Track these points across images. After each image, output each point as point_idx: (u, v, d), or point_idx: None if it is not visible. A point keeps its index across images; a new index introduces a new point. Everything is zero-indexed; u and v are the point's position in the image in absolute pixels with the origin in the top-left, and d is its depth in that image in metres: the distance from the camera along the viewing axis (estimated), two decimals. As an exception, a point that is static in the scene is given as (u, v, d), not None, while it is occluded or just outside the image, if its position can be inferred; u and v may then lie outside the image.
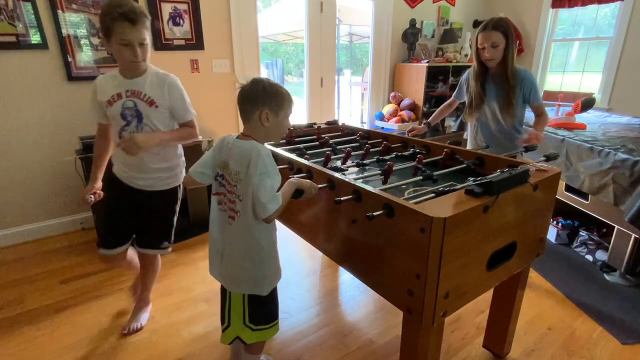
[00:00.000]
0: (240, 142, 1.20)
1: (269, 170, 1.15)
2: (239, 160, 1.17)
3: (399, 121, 4.18)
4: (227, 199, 1.22)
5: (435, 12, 4.63)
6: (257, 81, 1.20)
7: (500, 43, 1.87)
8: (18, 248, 2.62)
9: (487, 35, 1.87)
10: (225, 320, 1.33)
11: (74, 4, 2.49)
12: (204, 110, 3.17)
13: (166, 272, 2.31)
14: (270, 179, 1.14)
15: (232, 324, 1.31)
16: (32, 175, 2.64)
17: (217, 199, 1.27)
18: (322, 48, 3.88)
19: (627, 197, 1.97)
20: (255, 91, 1.18)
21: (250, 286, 1.25)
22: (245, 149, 1.17)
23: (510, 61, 1.91)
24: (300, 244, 2.65)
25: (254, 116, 1.19)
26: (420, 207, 1.01)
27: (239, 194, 1.18)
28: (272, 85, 1.20)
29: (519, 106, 1.99)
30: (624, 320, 1.88)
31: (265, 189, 1.12)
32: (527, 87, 1.94)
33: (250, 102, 1.18)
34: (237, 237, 1.22)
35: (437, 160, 1.65)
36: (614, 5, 4.13)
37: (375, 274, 1.22)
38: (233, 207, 1.21)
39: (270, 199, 1.12)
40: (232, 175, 1.19)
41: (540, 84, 4.84)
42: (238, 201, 1.19)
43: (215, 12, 3.06)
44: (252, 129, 1.21)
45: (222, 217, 1.26)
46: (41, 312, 1.95)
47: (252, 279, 1.25)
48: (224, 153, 1.24)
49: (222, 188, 1.24)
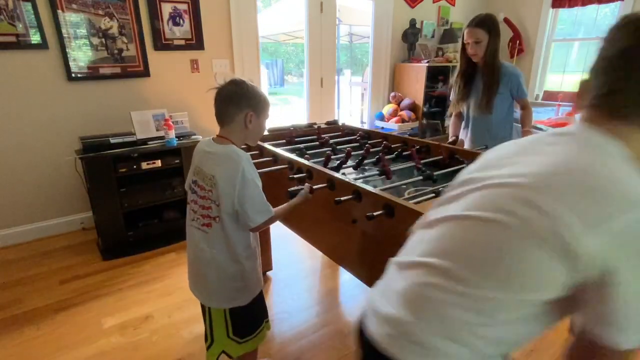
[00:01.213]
0: (217, 147, 1.16)
1: (252, 176, 1.11)
2: (216, 164, 1.13)
3: (399, 121, 4.18)
4: (200, 206, 1.17)
5: (435, 12, 4.63)
6: (239, 82, 1.16)
7: (483, 39, 1.91)
8: (18, 248, 2.62)
9: (471, 31, 1.92)
10: (207, 337, 1.28)
11: (74, 4, 2.49)
12: (203, 110, 3.17)
13: (166, 272, 2.31)
14: (253, 187, 1.10)
15: (215, 340, 1.26)
16: (32, 175, 2.64)
17: (189, 210, 1.22)
18: (322, 48, 3.88)
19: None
20: (239, 92, 1.15)
21: (230, 299, 1.21)
22: (223, 153, 1.13)
23: (491, 57, 1.94)
24: (300, 244, 2.65)
25: (237, 118, 1.15)
26: (420, 207, 1.01)
27: (214, 198, 1.13)
28: (254, 87, 1.18)
29: (504, 101, 2.03)
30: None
31: (253, 199, 1.10)
32: (514, 82, 1.99)
33: (234, 103, 1.14)
34: (215, 246, 1.17)
35: (437, 160, 1.65)
36: (614, 5, 4.13)
37: (375, 274, 1.21)
38: (209, 213, 1.15)
39: (260, 210, 1.10)
40: (207, 180, 1.14)
41: (540, 84, 4.84)
42: (214, 206, 1.13)
43: (215, 12, 3.06)
44: (231, 131, 1.17)
45: (196, 232, 1.20)
46: (41, 312, 1.95)
47: (233, 289, 1.20)
48: (197, 158, 1.20)
49: (194, 195, 1.19)
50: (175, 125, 2.68)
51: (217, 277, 1.19)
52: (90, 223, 2.84)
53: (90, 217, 2.82)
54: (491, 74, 1.96)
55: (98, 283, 2.21)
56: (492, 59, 1.94)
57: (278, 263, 2.40)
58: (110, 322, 1.88)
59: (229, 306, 1.22)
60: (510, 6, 4.84)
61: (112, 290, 2.13)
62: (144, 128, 2.60)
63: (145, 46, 2.80)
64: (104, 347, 1.71)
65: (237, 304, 1.22)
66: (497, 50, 1.94)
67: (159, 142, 2.61)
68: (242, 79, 1.18)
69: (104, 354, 1.67)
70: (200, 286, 1.25)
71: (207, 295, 1.24)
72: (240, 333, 1.25)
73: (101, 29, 2.61)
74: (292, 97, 11.42)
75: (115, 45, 2.69)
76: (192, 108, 3.10)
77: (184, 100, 3.07)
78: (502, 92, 1.99)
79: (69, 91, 2.63)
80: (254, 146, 1.81)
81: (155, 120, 2.66)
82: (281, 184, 1.52)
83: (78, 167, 2.61)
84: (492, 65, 1.95)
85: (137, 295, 2.09)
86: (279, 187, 1.32)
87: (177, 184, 2.69)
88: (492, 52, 1.92)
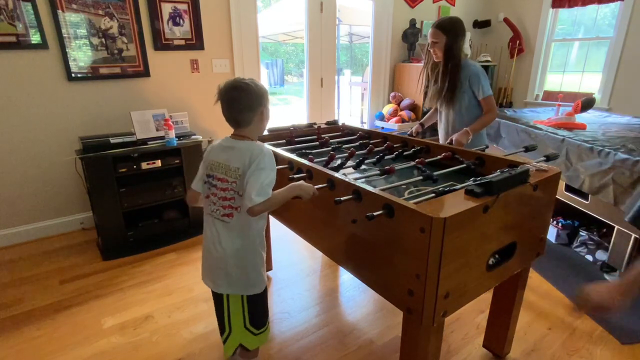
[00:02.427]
0: (238, 142, 1.22)
1: (267, 167, 1.16)
2: (241, 158, 1.18)
3: (399, 121, 4.18)
4: (221, 197, 1.21)
5: (435, 12, 4.63)
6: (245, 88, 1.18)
7: (441, 41, 2.01)
8: (18, 248, 2.62)
9: (431, 32, 2.04)
10: (225, 327, 1.31)
11: (74, 4, 2.49)
12: (203, 110, 3.17)
13: (166, 272, 2.31)
14: (264, 173, 1.15)
15: (232, 330, 1.30)
16: (32, 175, 2.64)
17: (208, 203, 1.26)
18: (322, 48, 3.88)
19: (627, 197, 1.97)
20: (251, 98, 1.19)
21: (249, 286, 1.26)
22: (246, 147, 1.19)
23: (449, 57, 2.02)
24: (300, 244, 2.65)
25: (254, 119, 1.21)
26: (420, 207, 1.01)
27: (237, 189, 1.19)
28: (256, 85, 1.22)
29: (468, 98, 2.09)
30: (623, 320, 1.88)
31: (257, 180, 1.13)
32: (474, 78, 2.05)
33: (249, 109, 1.19)
34: (237, 235, 1.22)
35: (437, 160, 1.65)
36: (614, 5, 4.13)
37: (375, 274, 1.22)
38: (230, 203, 1.20)
39: (259, 191, 1.12)
40: (230, 172, 1.19)
41: (540, 84, 4.84)
42: (237, 197, 1.19)
43: (215, 12, 3.06)
44: (249, 130, 1.23)
45: (216, 222, 1.23)
46: (41, 312, 1.95)
47: (251, 277, 1.26)
48: (214, 153, 1.25)
49: (213, 188, 1.24)
50: (175, 125, 2.68)
51: (237, 265, 1.24)
52: (90, 223, 2.84)
53: (90, 217, 2.82)
54: (450, 72, 2.05)
55: (98, 283, 2.21)
56: (449, 59, 2.03)
57: (278, 263, 2.40)
58: (110, 322, 1.88)
59: (247, 293, 1.26)
60: (510, 6, 4.84)
61: (112, 290, 2.13)
62: (144, 128, 2.60)
63: (145, 46, 2.80)
64: (104, 347, 1.71)
65: (255, 291, 1.27)
66: (455, 50, 2.01)
67: (159, 142, 2.61)
68: (243, 80, 1.21)
69: (104, 354, 1.67)
70: (219, 275, 1.27)
71: (227, 283, 1.27)
72: (256, 323, 1.31)
73: (101, 29, 2.61)
74: (292, 97, 11.42)
75: (115, 45, 2.69)
76: (192, 108, 3.10)
77: (184, 100, 3.07)
78: (465, 89, 2.08)
79: (69, 91, 2.63)
80: None
81: (155, 120, 2.65)
82: (281, 184, 1.52)
83: (78, 167, 2.61)
84: (450, 64, 2.04)
85: (137, 295, 2.09)
86: (279, 187, 1.32)
87: (177, 184, 2.69)
88: (449, 52, 2.02)
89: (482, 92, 2.05)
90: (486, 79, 2.07)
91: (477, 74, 2.05)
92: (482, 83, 2.04)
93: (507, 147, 2.95)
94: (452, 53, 2.02)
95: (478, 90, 2.06)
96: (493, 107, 2.08)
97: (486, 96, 2.06)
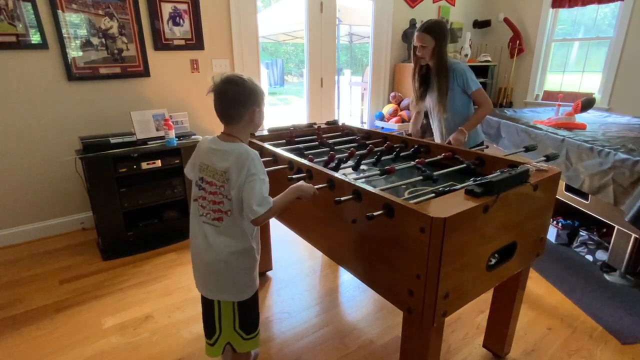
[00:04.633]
0: (225, 144, 1.18)
1: (257, 171, 1.14)
2: (226, 160, 1.15)
3: (399, 121, 4.18)
4: (210, 201, 1.19)
5: (435, 12, 4.63)
6: (240, 82, 1.16)
7: (429, 45, 2.02)
8: (18, 248, 2.62)
9: (418, 36, 2.04)
10: (215, 329, 1.29)
11: (74, 4, 2.49)
12: (203, 110, 3.17)
13: (166, 272, 2.31)
14: (259, 181, 1.12)
15: (222, 331, 1.29)
16: (32, 175, 2.64)
17: (196, 206, 1.23)
18: (322, 48, 3.88)
19: (627, 197, 1.97)
20: (244, 93, 1.16)
21: (240, 292, 1.25)
22: (232, 150, 1.15)
23: (438, 60, 2.05)
24: (300, 244, 2.65)
25: (244, 117, 1.18)
26: (420, 207, 1.01)
27: (226, 193, 1.16)
28: (252, 82, 1.19)
29: (457, 97, 2.12)
30: (624, 320, 1.88)
31: (254, 191, 1.11)
32: (459, 76, 2.07)
33: (240, 104, 1.16)
34: (227, 239, 1.19)
35: (437, 160, 1.65)
36: (614, 5, 4.13)
37: (375, 274, 1.22)
38: (220, 207, 1.18)
39: (260, 201, 1.11)
40: (217, 176, 1.17)
41: (540, 84, 4.84)
42: (226, 201, 1.17)
43: (215, 12, 3.06)
44: (238, 129, 1.20)
45: (206, 226, 1.20)
46: (41, 312, 1.95)
47: (242, 282, 1.24)
48: (202, 154, 1.22)
49: (202, 192, 1.21)
50: (175, 125, 2.68)
51: (228, 270, 1.21)
52: (90, 223, 2.84)
53: (90, 217, 2.82)
54: (440, 74, 2.07)
55: (98, 283, 2.20)
56: (439, 62, 2.05)
57: (278, 263, 2.40)
58: (110, 322, 1.88)
59: (238, 299, 1.25)
60: (510, 6, 4.85)
61: (112, 290, 2.13)
62: (144, 128, 2.60)
63: (145, 46, 2.80)
64: (104, 347, 1.71)
65: (245, 297, 1.26)
66: (444, 54, 2.05)
67: (159, 142, 2.61)
68: (239, 75, 1.19)
69: (104, 354, 1.67)
70: (210, 280, 1.25)
71: (217, 289, 1.25)
72: (246, 327, 1.29)
73: (101, 29, 2.61)
74: (292, 97, 11.42)
75: (115, 45, 2.69)
76: (192, 108, 3.10)
77: (184, 100, 3.07)
78: (453, 88, 2.09)
79: (69, 91, 2.63)
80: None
81: (155, 120, 2.65)
82: (281, 184, 1.52)
83: (78, 167, 2.61)
84: (440, 67, 2.06)
85: (137, 295, 2.09)
86: (279, 187, 1.32)
87: (177, 184, 2.69)
88: (438, 56, 2.04)
89: (470, 86, 2.07)
90: (472, 74, 2.09)
91: (462, 70, 2.07)
92: (468, 78, 2.06)
93: (507, 147, 2.95)
94: (441, 57, 2.04)
95: (467, 86, 2.07)
96: (485, 99, 2.09)
97: (475, 90, 2.07)
